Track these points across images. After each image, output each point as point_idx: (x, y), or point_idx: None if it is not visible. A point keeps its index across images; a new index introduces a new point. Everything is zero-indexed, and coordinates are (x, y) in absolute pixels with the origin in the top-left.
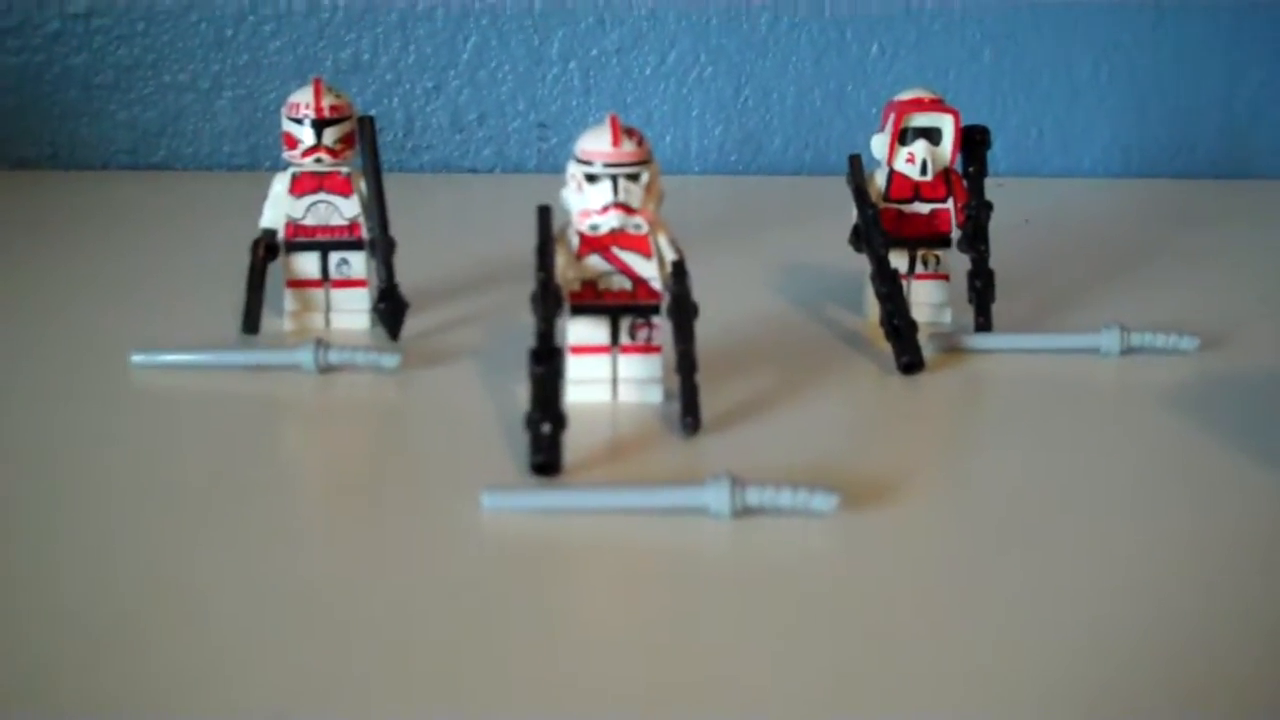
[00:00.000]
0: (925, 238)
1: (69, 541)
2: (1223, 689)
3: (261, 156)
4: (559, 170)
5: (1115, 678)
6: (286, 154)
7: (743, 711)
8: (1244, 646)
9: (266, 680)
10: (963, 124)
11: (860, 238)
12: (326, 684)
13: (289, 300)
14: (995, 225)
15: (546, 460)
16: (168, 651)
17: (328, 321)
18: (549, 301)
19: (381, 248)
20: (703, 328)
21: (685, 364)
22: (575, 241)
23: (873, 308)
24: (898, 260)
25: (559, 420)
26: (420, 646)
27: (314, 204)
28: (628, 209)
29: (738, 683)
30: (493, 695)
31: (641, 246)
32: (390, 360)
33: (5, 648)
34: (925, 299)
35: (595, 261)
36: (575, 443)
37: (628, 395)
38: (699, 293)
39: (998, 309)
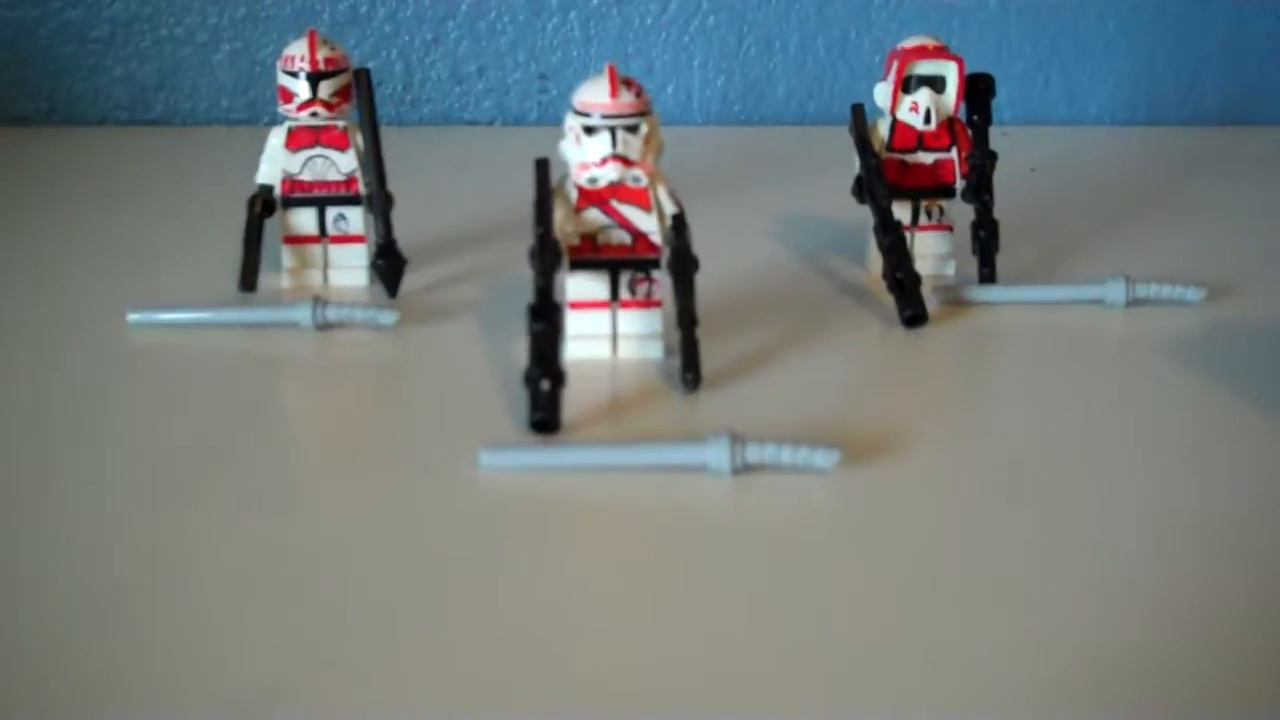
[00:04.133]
0: (929, 188)
1: (61, 503)
2: (1228, 637)
3: (260, 111)
4: (560, 122)
5: (1122, 633)
6: (282, 108)
7: (743, 670)
8: (1252, 596)
9: (260, 642)
10: (967, 71)
11: (863, 189)
12: (322, 644)
13: (286, 257)
14: (1000, 175)
15: (545, 418)
16: (164, 613)
17: (326, 278)
18: (548, 256)
19: (379, 203)
20: (703, 281)
21: (685, 319)
22: (574, 195)
23: (876, 260)
24: (901, 211)
25: (558, 377)
26: (417, 606)
27: (311, 159)
28: (626, 161)
29: (737, 641)
30: (490, 655)
31: (641, 200)
32: (388, 317)
33: None
34: (929, 250)
35: (594, 215)
36: (574, 399)
37: (627, 351)
38: (699, 246)
39: (1002, 260)
